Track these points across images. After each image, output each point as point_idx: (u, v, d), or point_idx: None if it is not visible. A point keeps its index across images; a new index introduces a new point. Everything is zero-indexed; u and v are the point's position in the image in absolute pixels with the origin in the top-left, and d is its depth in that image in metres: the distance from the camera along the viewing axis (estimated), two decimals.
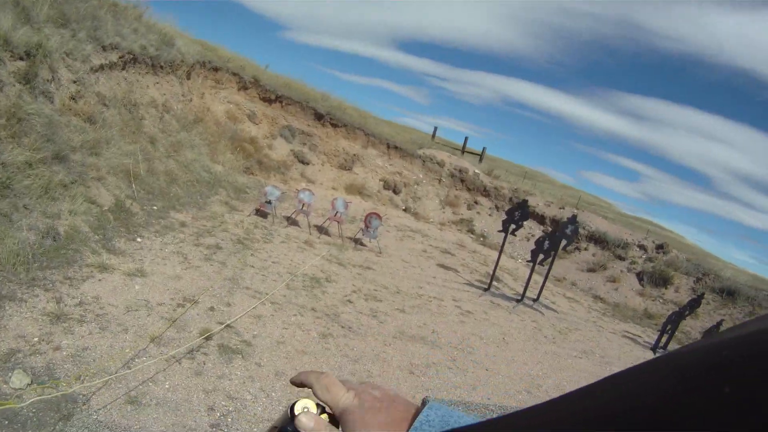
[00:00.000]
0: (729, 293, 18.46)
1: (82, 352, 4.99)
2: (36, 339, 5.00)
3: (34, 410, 4.12)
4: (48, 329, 5.20)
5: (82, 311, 5.72)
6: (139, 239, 8.41)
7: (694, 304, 14.09)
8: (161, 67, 13.43)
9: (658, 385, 0.38)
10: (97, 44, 11.09)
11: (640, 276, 19.66)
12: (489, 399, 7.21)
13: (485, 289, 13.29)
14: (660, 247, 20.94)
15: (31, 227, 6.64)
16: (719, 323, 14.43)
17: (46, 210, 7.09)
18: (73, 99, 9.62)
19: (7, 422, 3.94)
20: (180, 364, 5.35)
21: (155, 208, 9.97)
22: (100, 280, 6.60)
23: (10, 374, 4.36)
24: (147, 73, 12.88)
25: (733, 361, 0.34)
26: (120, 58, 11.76)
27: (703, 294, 15.14)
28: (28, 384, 4.35)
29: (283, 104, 19.34)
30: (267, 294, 8.01)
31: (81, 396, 4.44)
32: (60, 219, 7.23)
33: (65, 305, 5.71)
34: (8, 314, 5.21)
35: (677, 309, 14.00)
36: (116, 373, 4.84)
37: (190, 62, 15.10)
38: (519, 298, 13.40)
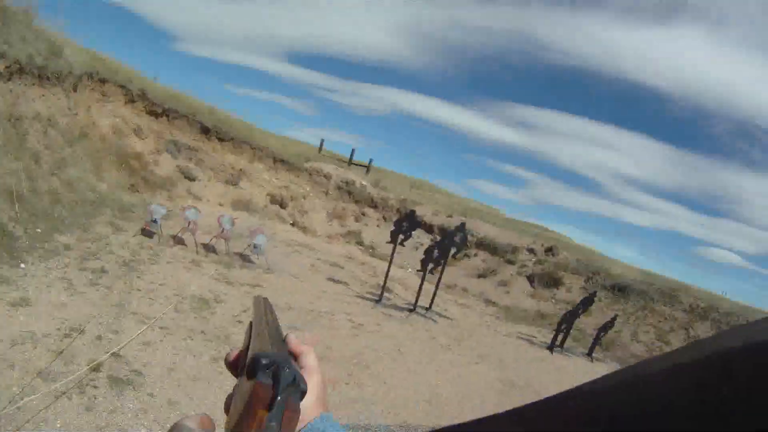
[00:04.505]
0: (620, 289, 19.77)
1: None
2: None
3: None
4: None
5: None
6: (23, 265, 8.28)
7: (586, 303, 14.95)
8: (47, 78, 13.04)
9: (655, 385, 0.41)
10: None
11: (530, 278, 20.71)
12: (390, 413, 7.45)
13: (377, 301, 13.66)
14: (549, 250, 22.20)
15: None
16: (613, 319, 15.45)
17: None
18: None
19: None
20: (70, 399, 5.45)
21: (39, 231, 9.76)
22: None
23: None
24: (33, 84, 12.45)
25: (734, 362, 0.36)
26: (6, 68, 11.36)
27: (594, 292, 16.13)
28: None
29: (170, 118, 19.04)
30: (154, 318, 8.11)
31: None
32: None
33: None
34: None
35: (570, 308, 14.83)
36: (2, 410, 4.90)
37: (77, 73, 14.66)
38: (411, 307, 13.85)
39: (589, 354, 14.78)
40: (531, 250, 22.20)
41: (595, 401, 0.47)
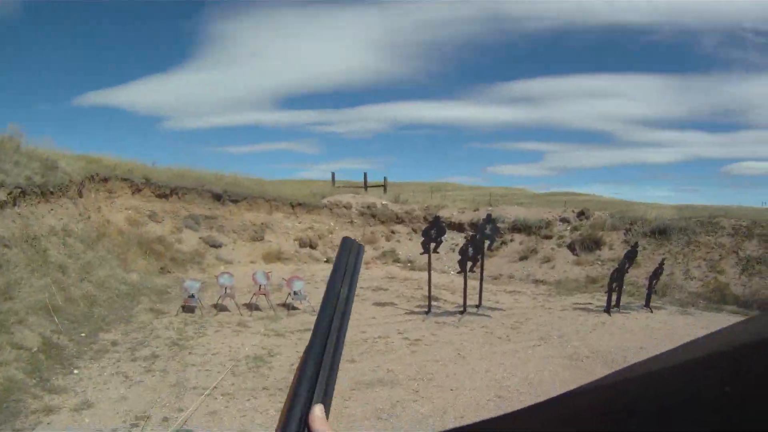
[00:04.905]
0: (660, 232, 19.30)
1: None
2: None
3: None
4: None
5: None
6: (75, 371, 8.34)
7: (631, 255, 14.83)
8: (51, 192, 13.31)
9: (669, 380, 0.41)
10: None
11: (571, 247, 20.45)
12: (462, 418, 7.27)
13: (426, 312, 13.49)
14: (581, 214, 21.93)
15: None
16: (661, 263, 15.13)
17: None
18: None
19: None
20: None
21: (83, 335, 9.86)
22: (49, 423, 6.57)
23: None
24: (39, 202, 12.75)
25: (742, 360, 0.36)
26: (9, 194, 11.65)
27: (636, 243, 16.01)
28: None
29: (180, 195, 19.41)
30: (214, 388, 8.07)
31: None
32: None
33: None
34: None
35: (617, 266, 14.61)
36: None
37: (78, 180, 15.00)
38: (462, 309, 13.62)
39: (647, 305, 14.46)
40: (564, 220, 21.91)
41: (611, 396, 0.47)
